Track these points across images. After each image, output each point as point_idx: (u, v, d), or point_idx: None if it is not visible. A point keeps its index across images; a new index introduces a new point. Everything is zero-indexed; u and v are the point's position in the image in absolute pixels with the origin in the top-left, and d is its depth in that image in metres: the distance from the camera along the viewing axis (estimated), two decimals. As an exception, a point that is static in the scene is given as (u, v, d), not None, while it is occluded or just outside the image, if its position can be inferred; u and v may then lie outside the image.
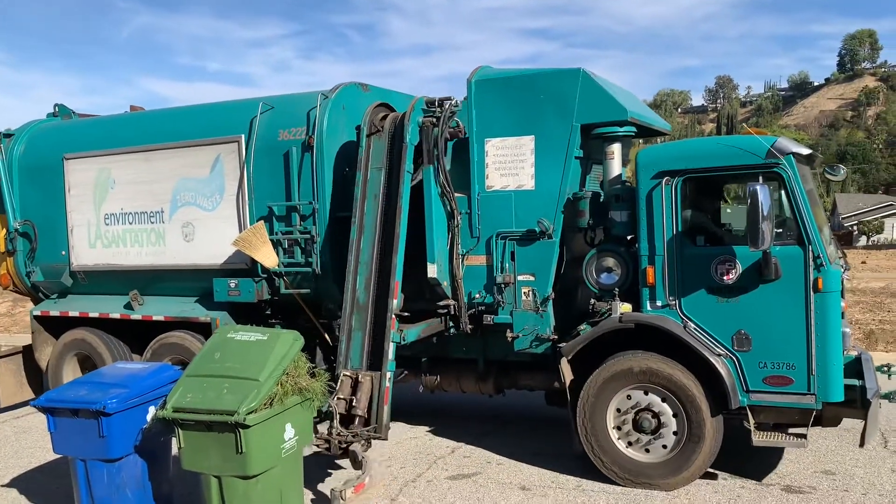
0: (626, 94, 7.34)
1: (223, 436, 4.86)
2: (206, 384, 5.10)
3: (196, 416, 4.93)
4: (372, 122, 7.12)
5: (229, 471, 4.94)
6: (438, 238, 7.05)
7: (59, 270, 8.94)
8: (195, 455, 5.02)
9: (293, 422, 5.27)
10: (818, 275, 5.66)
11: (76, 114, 9.98)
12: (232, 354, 5.28)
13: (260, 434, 4.92)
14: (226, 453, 4.89)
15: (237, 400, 4.87)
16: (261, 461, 4.95)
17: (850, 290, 15.94)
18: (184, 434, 5.02)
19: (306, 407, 5.43)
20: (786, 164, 5.78)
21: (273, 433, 5.09)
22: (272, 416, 5.03)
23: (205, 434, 4.93)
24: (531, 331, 6.80)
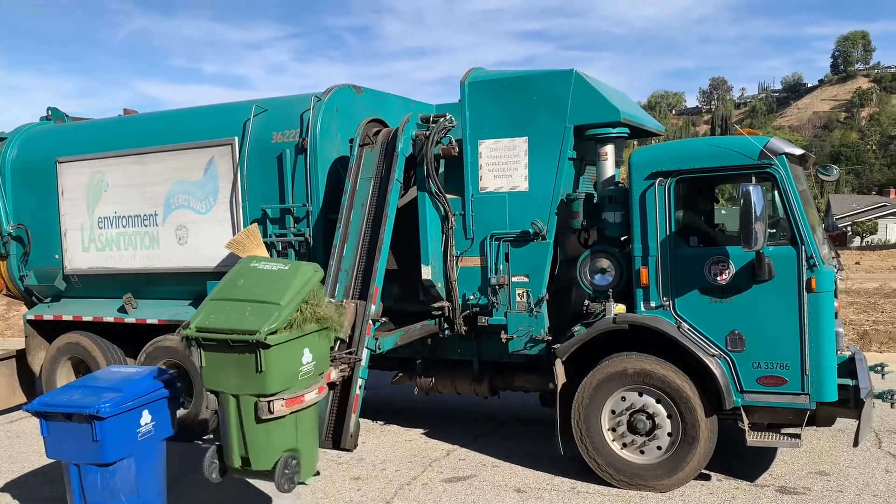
0: (619, 95, 7.35)
1: (244, 356, 4.99)
2: (229, 307, 5.22)
3: (218, 336, 5.04)
4: (365, 135, 7.15)
5: (248, 390, 5.03)
6: (432, 240, 7.05)
7: (53, 274, 8.91)
8: (215, 374, 5.14)
9: (311, 348, 5.36)
10: (811, 275, 5.67)
11: (69, 117, 9.96)
12: (254, 281, 5.42)
13: (279, 355, 5.04)
14: (245, 372, 5.00)
15: (259, 321, 4.98)
16: (278, 381, 5.05)
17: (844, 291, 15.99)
18: (205, 354, 5.14)
19: (323, 336, 5.53)
20: (779, 164, 5.79)
21: (292, 356, 5.19)
22: (292, 339, 5.14)
23: (226, 354, 5.04)
24: (526, 332, 6.80)
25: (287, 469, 5.14)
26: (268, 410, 5.03)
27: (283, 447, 5.19)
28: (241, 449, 5.16)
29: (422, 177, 7.03)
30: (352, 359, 6.24)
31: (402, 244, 7.09)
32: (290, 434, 5.25)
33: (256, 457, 5.13)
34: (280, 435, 5.16)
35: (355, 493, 6.37)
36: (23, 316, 9.43)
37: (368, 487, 6.48)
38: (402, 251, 7.18)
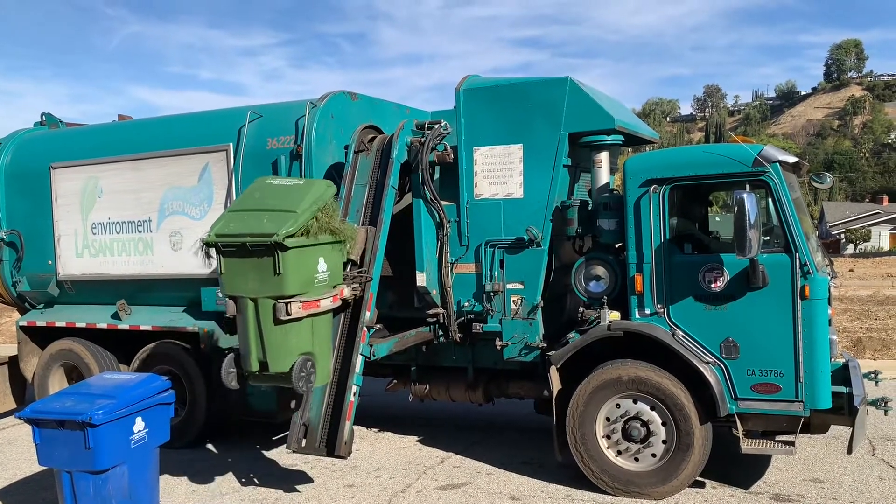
0: (614, 102, 7.37)
1: (262, 259, 5.26)
2: (247, 216, 5.49)
3: (237, 240, 5.31)
4: (361, 141, 7.14)
5: (267, 292, 5.29)
6: (427, 246, 7.05)
7: (46, 280, 8.87)
8: (235, 279, 5.41)
9: (326, 258, 5.69)
10: (805, 282, 5.69)
11: (63, 123, 9.94)
12: (270, 194, 5.69)
13: (296, 258, 5.32)
14: (264, 276, 5.27)
15: (276, 226, 5.26)
16: (296, 284, 5.33)
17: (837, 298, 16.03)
18: (225, 260, 5.42)
19: (336, 249, 5.82)
20: (772, 172, 5.81)
21: (308, 261, 5.50)
22: (308, 244, 5.45)
23: (245, 259, 5.31)
24: (520, 339, 6.79)
25: (303, 371, 5.38)
26: (285, 312, 5.26)
27: (299, 350, 5.39)
28: (260, 353, 5.37)
29: (417, 183, 7.03)
30: (363, 278, 6.36)
31: (397, 251, 7.08)
32: (307, 338, 5.47)
33: (274, 359, 5.34)
34: (297, 338, 5.37)
35: (349, 500, 6.34)
36: (15, 322, 9.38)
37: (363, 495, 6.45)
38: (397, 258, 7.17)
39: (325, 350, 5.77)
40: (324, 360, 5.73)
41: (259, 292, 5.31)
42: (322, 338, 5.69)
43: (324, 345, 5.71)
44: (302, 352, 5.44)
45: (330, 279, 5.75)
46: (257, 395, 7.66)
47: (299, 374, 5.36)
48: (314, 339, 5.55)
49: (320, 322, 5.65)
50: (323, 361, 5.72)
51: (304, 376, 5.41)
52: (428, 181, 6.94)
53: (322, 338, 5.69)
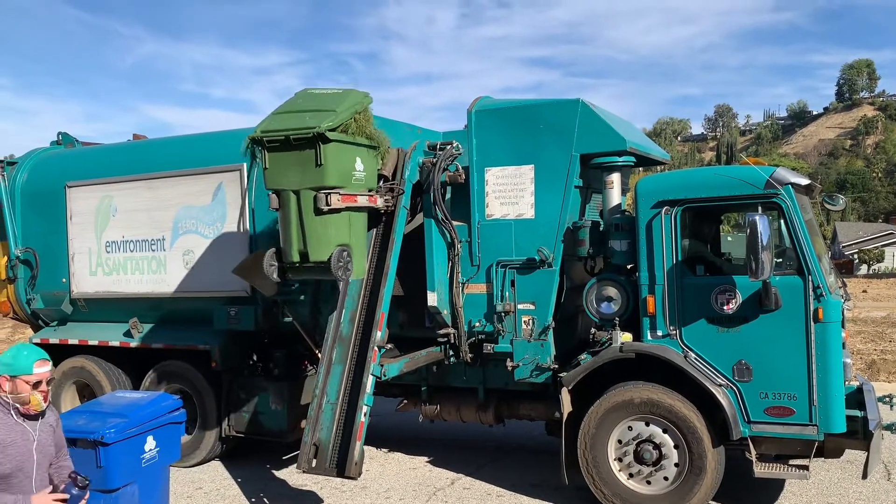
0: (625, 123, 7.39)
1: (304, 153, 5.68)
2: (290, 116, 5.89)
3: (281, 134, 5.72)
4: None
5: (308, 184, 5.70)
6: (438, 266, 7.05)
7: (60, 298, 8.93)
8: (278, 174, 5.81)
9: (362, 159, 6.11)
10: (818, 305, 5.66)
11: (79, 142, 10.04)
12: (311, 99, 6.14)
13: (336, 152, 5.76)
14: (305, 168, 5.69)
15: (318, 121, 5.68)
16: (335, 176, 5.75)
17: (851, 320, 15.88)
18: (269, 155, 5.83)
19: (371, 155, 6.24)
20: (784, 194, 5.80)
21: (346, 158, 5.93)
22: (347, 141, 5.88)
23: (288, 153, 5.73)
24: (531, 360, 6.77)
25: (341, 261, 5.76)
26: (325, 202, 5.65)
27: (338, 241, 5.76)
28: (300, 244, 5.78)
29: (428, 204, 7.05)
30: (396, 189, 6.70)
31: (409, 270, 7.09)
32: (344, 230, 5.88)
33: (314, 249, 5.76)
34: (336, 229, 5.80)
35: (359, 521, 6.31)
36: (28, 339, 9.44)
37: (372, 516, 6.41)
38: (409, 278, 7.18)
39: (361, 246, 6.12)
40: (359, 255, 6.06)
41: (301, 184, 5.70)
42: (358, 234, 6.04)
43: (360, 241, 6.04)
44: (340, 243, 5.75)
45: (366, 181, 6.15)
46: (268, 415, 7.67)
47: (338, 264, 5.68)
48: (351, 232, 5.91)
49: (357, 218, 6.07)
50: (359, 257, 6.05)
51: (342, 265, 5.74)
52: (439, 201, 6.96)
53: (358, 234, 6.04)
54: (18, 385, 3.65)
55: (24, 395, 3.66)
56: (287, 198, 5.80)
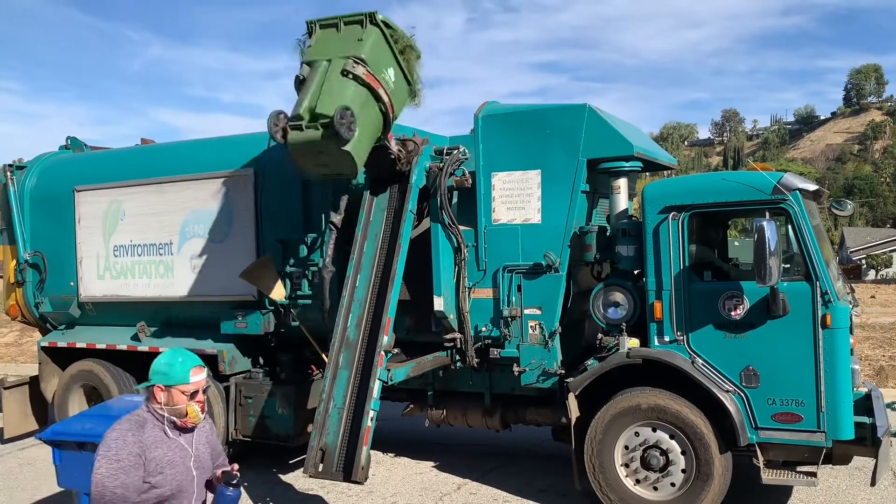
0: (632, 128, 7.39)
1: (351, 27, 6.25)
2: None
3: (336, 18, 6.30)
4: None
5: (341, 53, 6.11)
6: (445, 271, 7.06)
7: (68, 301, 8.97)
8: (322, 46, 6.26)
9: (395, 72, 6.51)
10: (826, 311, 5.64)
11: (88, 146, 10.10)
12: None
13: (377, 41, 6.28)
14: (347, 44, 6.15)
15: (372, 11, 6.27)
16: (370, 57, 6.17)
17: (859, 326, 15.80)
18: (319, 32, 6.32)
19: (401, 78, 6.60)
20: (792, 200, 5.79)
21: (383, 56, 6.37)
22: (388, 40, 6.38)
23: (336, 30, 6.27)
24: (538, 365, 6.77)
25: (343, 119, 5.92)
26: (352, 65, 6.06)
27: (345, 102, 5.97)
28: (313, 100, 6.00)
29: (435, 208, 7.06)
30: (412, 150, 7.03)
31: (415, 275, 7.10)
32: (358, 102, 6.11)
33: (323, 102, 5.97)
34: (350, 97, 6.04)
35: (365, 526, 6.30)
36: (37, 343, 9.48)
37: (378, 521, 6.41)
38: (415, 282, 7.19)
39: (366, 134, 6.25)
40: (362, 144, 6.23)
41: (336, 53, 6.12)
42: (365, 124, 6.18)
43: (366, 124, 6.21)
44: (346, 105, 5.93)
45: (392, 89, 6.44)
46: (274, 419, 7.68)
47: (340, 121, 5.86)
48: (361, 112, 6.11)
49: (371, 108, 6.27)
50: (361, 146, 6.22)
51: (345, 123, 5.90)
52: (446, 206, 6.97)
53: (365, 124, 6.18)
54: (174, 396, 3.28)
55: (180, 406, 3.29)
56: (318, 65, 6.17)
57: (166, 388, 3.27)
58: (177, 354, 3.38)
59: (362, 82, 6.13)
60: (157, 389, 3.29)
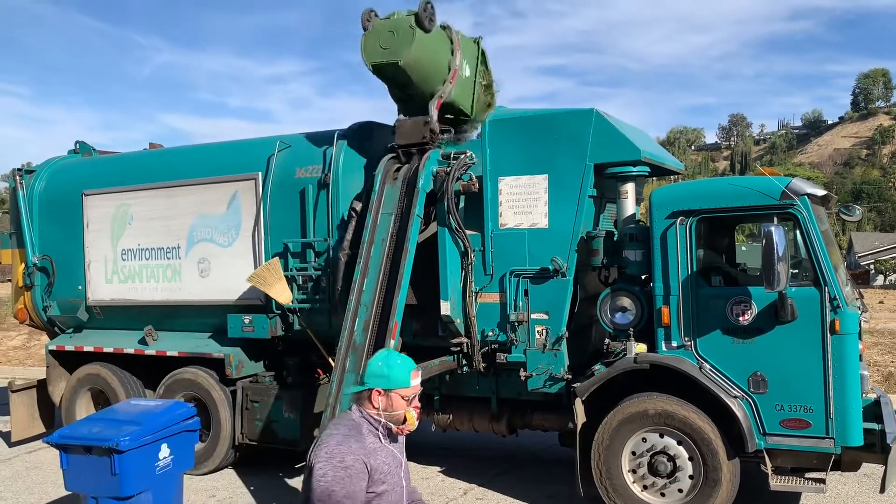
0: (639, 133, 7.38)
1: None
2: None
3: None
4: (387, 171, 7.20)
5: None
6: (452, 275, 7.05)
7: (76, 305, 9.00)
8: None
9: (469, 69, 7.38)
10: (835, 316, 5.61)
11: (96, 150, 10.14)
12: None
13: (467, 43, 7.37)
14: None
15: None
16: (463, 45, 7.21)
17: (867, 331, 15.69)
18: None
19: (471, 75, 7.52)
20: (800, 205, 5.77)
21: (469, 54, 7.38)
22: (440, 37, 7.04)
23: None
24: (545, 370, 6.75)
25: (426, 10, 6.65)
26: (452, 29, 7.05)
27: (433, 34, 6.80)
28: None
29: (442, 213, 7.06)
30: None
31: (422, 280, 7.10)
32: (439, 39, 6.99)
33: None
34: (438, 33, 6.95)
35: (371, 531, 6.29)
36: (45, 346, 9.52)
37: (385, 526, 6.40)
38: (422, 287, 7.19)
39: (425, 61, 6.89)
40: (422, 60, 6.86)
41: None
42: (432, 58, 6.96)
43: (427, 58, 6.91)
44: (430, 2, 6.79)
45: (462, 74, 7.25)
46: (281, 423, 7.68)
47: (424, 12, 6.67)
48: (437, 43, 6.97)
49: (444, 57, 7.04)
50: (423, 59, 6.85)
51: (427, 15, 6.70)
52: (453, 210, 6.96)
53: (432, 58, 6.96)
54: (394, 401, 3.06)
55: (399, 412, 3.07)
56: None
57: (385, 391, 3.05)
58: (395, 356, 3.16)
59: (450, 37, 7.02)
60: (375, 393, 3.05)
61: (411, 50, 6.68)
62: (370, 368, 3.12)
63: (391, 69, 6.82)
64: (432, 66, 6.93)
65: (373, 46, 6.80)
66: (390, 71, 6.84)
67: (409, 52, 6.69)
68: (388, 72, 6.88)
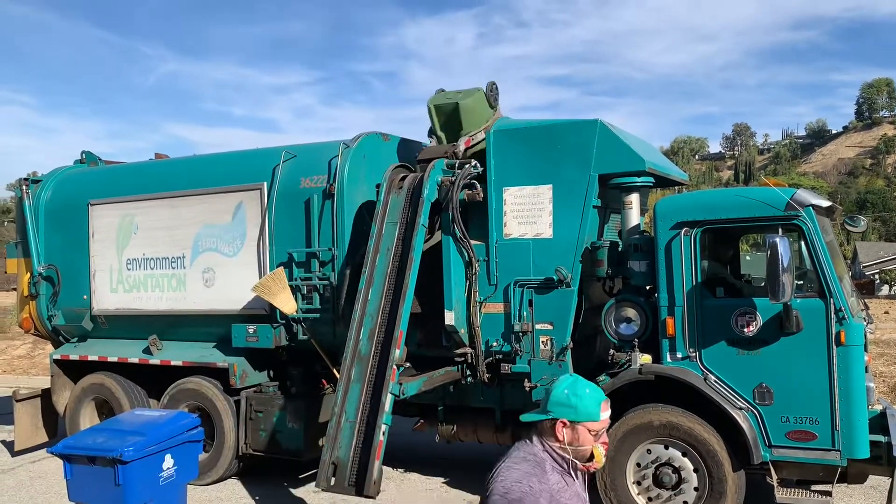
0: (643, 144, 7.39)
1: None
2: None
3: None
4: (392, 181, 7.22)
5: None
6: (456, 285, 7.05)
7: (81, 314, 9.02)
8: None
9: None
10: (840, 328, 5.60)
11: (102, 160, 10.18)
12: None
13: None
14: None
15: None
16: None
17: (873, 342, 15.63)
18: None
19: None
20: (805, 216, 5.76)
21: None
22: None
23: None
24: (549, 381, 6.72)
25: (492, 91, 7.22)
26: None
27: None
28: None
29: (447, 222, 7.07)
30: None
31: (426, 289, 7.10)
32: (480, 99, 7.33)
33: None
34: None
35: (375, 542, 6.27)
36: (49, 355, 9.52)
37: (389, 537, 6.38)
38: (426, 296, 7.19)
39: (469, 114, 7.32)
40: (468, 115, 7.28)
41: None
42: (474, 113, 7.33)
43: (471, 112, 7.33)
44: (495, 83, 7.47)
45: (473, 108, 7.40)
46: (285, 433, 7.67)
47: (489, 93, 7.34)
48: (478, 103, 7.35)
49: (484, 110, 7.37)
50: (469, 115, 7.28)
51: (492, 95, 7.34)
52: (458, 220, 6.97)
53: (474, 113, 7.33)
54: (581, 435, 2.70)
55: (585, 448, 2.71)
56: None
57: (571, 423, 2.69)
58: (581, 384, 2.78)
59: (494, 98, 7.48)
60: (560, 425, 2.69)
61: (470, 100, 7.29)
62: (555, 396, 2.75)
63: (450, 108, 7.32)
64: (476, 116, 7.34)
65: (439, 98, 7.49)
66: (449, 110, 7.34)
67: (468, 101, 7.28)
68: (446, 111, 7.36)
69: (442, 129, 7.51)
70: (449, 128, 7.44)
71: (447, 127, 7.47)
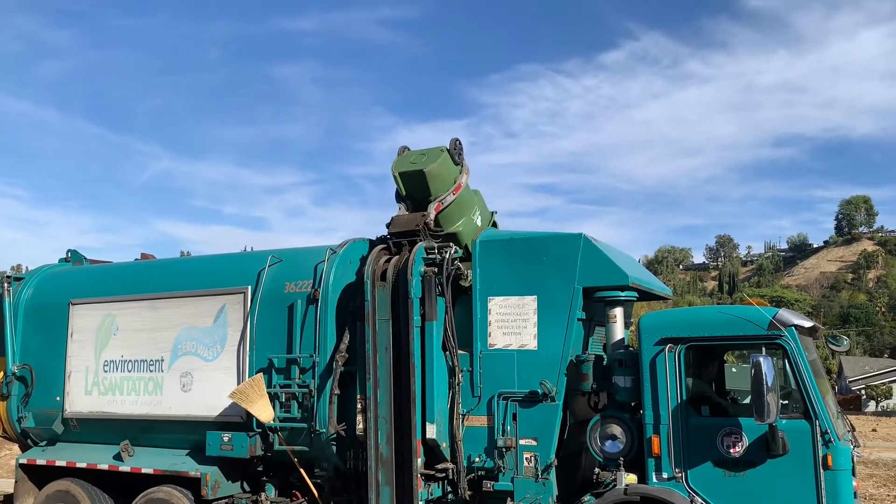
0: (627, 258, 7.48)
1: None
2: None
3: None
4: (374, 271, 7.18)
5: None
6: (439, 396, 6.93)
7: (52, 417, 8.74)
8: None
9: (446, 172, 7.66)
10: (827, 451, 5.52)
11: (87, 259, 10.14)
12: None
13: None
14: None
15: None
16: None
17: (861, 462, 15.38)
18: None
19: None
20: (788, 336, 5.78)
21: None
22: None
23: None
24: (533, 500, 6.53)
25: (455, 148, 7.45)
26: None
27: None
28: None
29: (430, 332, 6.98)
30: None
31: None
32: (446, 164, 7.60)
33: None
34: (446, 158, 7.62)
35: None
36: (15, 459, 9.17)
37: None
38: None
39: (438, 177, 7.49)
40: (435, 178, 7.52)
41: None
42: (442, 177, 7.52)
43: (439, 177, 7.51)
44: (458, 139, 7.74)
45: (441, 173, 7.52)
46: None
47: (454, 149, 7.59)
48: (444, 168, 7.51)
49: (450, 174, 7.60)
50: (437, 177, 7.53)
51: (455, 151, 7.61)
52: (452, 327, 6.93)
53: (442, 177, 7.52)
54: None
55: None
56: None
57: None
58: None
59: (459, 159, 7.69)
60: None
61: (435, 165, 7.42)
62: None
63: (416, 175, 7.44)
64: (443, 180, 7.50)
65: (403, 162, 7.63)
66: (415, 177, 7.45)
67: (432, 166, 7.41)
68: (413, 178, 7.46)
69: (408, 196, 7.64)
70: (416, 192, 7.56)
71: (414, 192, 7.59)
